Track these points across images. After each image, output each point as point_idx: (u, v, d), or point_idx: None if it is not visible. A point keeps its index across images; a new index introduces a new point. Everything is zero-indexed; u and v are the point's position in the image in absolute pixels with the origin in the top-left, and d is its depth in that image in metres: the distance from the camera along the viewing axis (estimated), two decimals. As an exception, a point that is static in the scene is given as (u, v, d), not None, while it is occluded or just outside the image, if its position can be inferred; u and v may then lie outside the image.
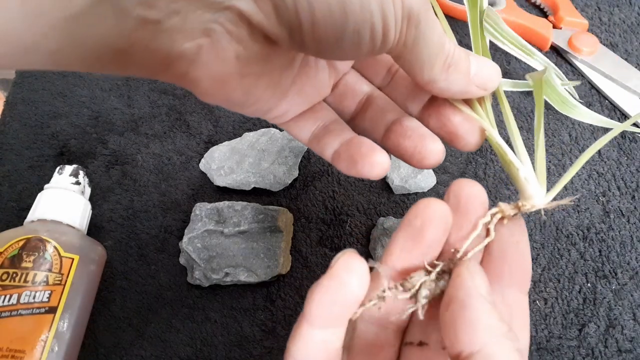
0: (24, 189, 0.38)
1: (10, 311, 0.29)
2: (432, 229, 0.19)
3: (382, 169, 0.22)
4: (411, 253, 0.19)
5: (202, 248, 0.34)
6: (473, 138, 0.23)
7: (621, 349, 0.33)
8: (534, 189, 0.22)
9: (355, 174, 0.23)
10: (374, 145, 0.23)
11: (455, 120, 0.23)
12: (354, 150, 0.23)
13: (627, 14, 0.49)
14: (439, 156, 0.23)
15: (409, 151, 0.23)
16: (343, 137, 0.24)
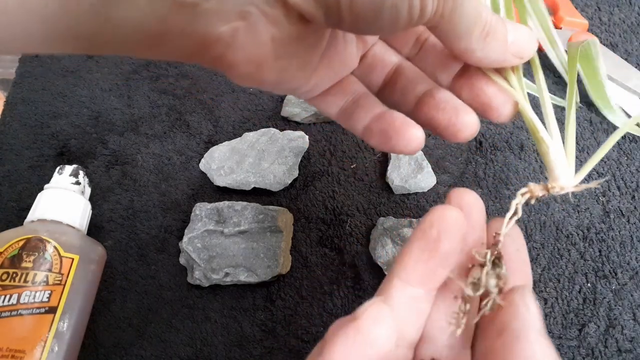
0: (24, 189, 0.38)
1: (10, 311, 0.29)
2: (449, 239, 0.18)
3: (418, 143, 0.21)
4: (427, 264, 0.19)
5: (202, 248, 0.34)
6: (506, 110, 0.22)
7: (621, 349, 0.33)
8: (563, 169, 0.21)
9: (389, 150, 0.22)
10: (407, 119, 0.22)
11: (489, 92, 0.22)
12: (386, 125, 0.22)
13: (627, 14, 0.49)
14: (474, 128, 0.22)
15: (443, 124, 0.22)
16: (373, 111, 0.23)
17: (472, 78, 0.22)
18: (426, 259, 0.18)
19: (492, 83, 0.22)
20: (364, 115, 0.23)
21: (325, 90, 0.24)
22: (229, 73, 0.19)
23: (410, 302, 0.19)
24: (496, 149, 0.41)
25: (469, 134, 0.22)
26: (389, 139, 0.22)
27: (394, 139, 0.22)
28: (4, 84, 1.14)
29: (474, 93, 0.22)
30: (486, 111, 0.22)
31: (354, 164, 0.40)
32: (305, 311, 0.34)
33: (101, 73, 0.45)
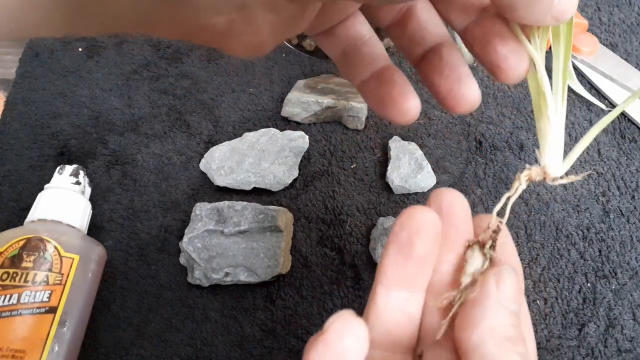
0: (24, 189, 0.38)
1: (10, 311, 0.29)
2: (421, 241, 0.18)
3: (412, 116, 0.21)
4: (404, 268, 0.18)
5: (202, 248, 0.34)
6: (516, 73, 0.20)
7: (621, 349, 0.33)
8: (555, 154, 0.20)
9: (382, 115, 0.21)
10: (406, 87, 0.21)
11: (502, 52, 0.20)
12: (383, 90, 0.21)
13: (627, 14, 0.49)
14: (474, 103, 0.21)
15: (443, 93, 0.21)
16: (375, 65, 0.22)
17: (489, 31, 0.20)
18: (402, 262, 0.18)
19: (508, 41, 0.20)
20: (364, 68, 0.22)
21: (327, 30, 0.23)
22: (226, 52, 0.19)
23: (396, 307, 0.19)
24: (496, 149, 0.41)
25: (467, 108, 0.21)
26: (384, 107, 0.21)
27: (390, 108, 0.21)
28: (4, 84, 1.14)
29: (486, 50, 0.20)
30: (494, 71, 0.21)
31: (354, 164, 0.40)
32: (305, 311, 0.34)
33: (101, 73, 0.45)
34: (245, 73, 0.45)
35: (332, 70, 0.46)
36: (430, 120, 0.43)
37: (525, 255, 0.36)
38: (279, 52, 0.47)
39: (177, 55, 0.47)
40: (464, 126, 0.42)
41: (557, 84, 0.21)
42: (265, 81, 0.45)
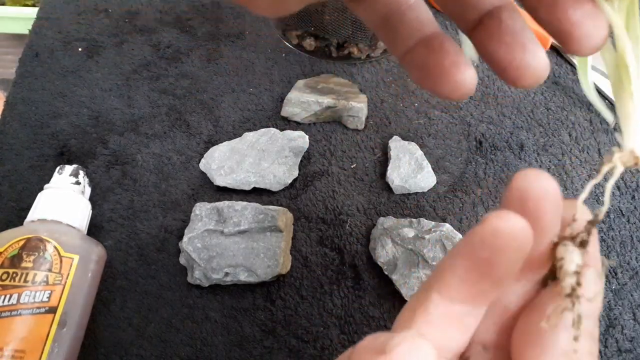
0: (24, 189, 0.38)
1: (10, 311, 0.29)
2: (505, 263, 0.15)
3: (466, 89, 0.18)
4: (475, 286, 0.15)
5: (202, 248, 0.34)
6: (592, 41, 0.17)
7: (621, 349, 0.33)
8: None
9: (429, 90, 0.18)
10: (459, 57, 0.18)
11: (575, 16, 0.16)
12: (432, 59, 0.18)
13: (627, 14, 0.49)
14: (541, 73, 0.17)
15: (503, 63, 0.18)
16: (422, 31, 0.19)
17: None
18: (474, 280, 0.15)
19: (581, 2, 0.17)
20: (409, 35, 0.19)
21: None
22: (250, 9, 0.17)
23: (455, 319, 0.16)
24: (496, 149, 0.41)
25: (533, 79, 0.17)
26: (433, 79, 0.18)
27: (440, 80, 0.18)
28: (4, 84, 1.14)
29: (555, 13, 0.17)
30: (565, 40, 0.17)
31: (354, 164, 0.40)
32: (305, 311, 0.34)
33: (101, 73, 0.45)
34: (245, 73, 0.45)
35: (332, 70, 0.46)
36: (430, 120, 0.43)
37: (525, 255, 0.36)
38: (279, 52, 0.47)
39: (177, 55, 0.47)
40: (464, 126, 0.42)
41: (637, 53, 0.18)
42: (265, 81, 0.45)
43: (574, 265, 0.15)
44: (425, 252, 0.34)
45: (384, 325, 0.33)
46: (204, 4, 0.51)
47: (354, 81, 0.45)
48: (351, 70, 0.46)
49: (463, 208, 0.38)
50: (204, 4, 0.51)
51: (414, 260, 0.34)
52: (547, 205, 0.16)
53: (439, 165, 0.40)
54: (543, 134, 0.42)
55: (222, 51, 0.47)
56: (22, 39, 1.17)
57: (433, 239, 0.34)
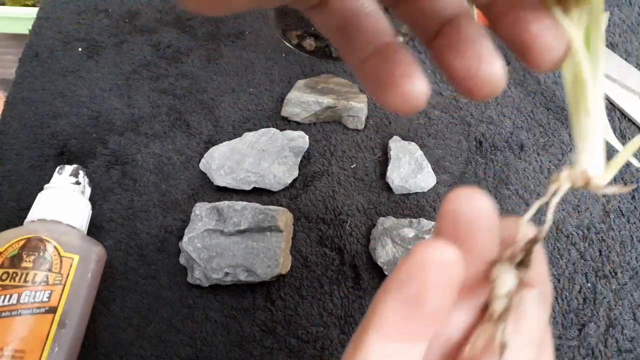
0: (24, 189, 0.38)
1: (10, 311, 0.29)
2: (435, 298, 0.14)
3: (416, 102, 0.17)
4: (410, 322, 0.14)
5: (202, 248, 0.34)
6: (552, 55, 0.16)
7: (621, 349, 0.33)
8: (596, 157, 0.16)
9: (380, 102, 0.17)
10: (411, 67, 0.17)
11: (535, 29, 0.16)
12: (383, 69, 0.17)
13: (627, 14, 0.49)
14: (496, 84, 0.17)
15: (459, 74, 0.17)
16: (378, 39, 0.18)
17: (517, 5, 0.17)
18: (407, 316, 0.14)
19: (541, 16, 0.16)
20: (364, 45, 0.18)
21: (319, 2, 0.19)
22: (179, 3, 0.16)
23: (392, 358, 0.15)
24: (496, 149, 0.41)
25: (488, 90, 0.17)
26: (383, 90, 0.17)
27: (389, 91, 0.17)
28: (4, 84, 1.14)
29: (515, 26, 0.16)
30: (524, 54, 0.17)
31: (354, 164, 0.40)
32: (305, 311, 0.34)
33: (101, 73, 0.45)
34: (245, 73, 0.45)
35: (332, 70, 0.46)
36: (430, 120, 0.43)
37: (525, 255, 0.36)
38: (279, 52, 0.47)
39: (177, 55, 0.47)
40: (464, 126, 0.42)
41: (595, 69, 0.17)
42: (265, 81, 0.45)
43: (506, 287, 0.15)
44: (425, 252, 0.34)
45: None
46: (204, 4, 0.51)
47: (354, 81, 0.45)
48: (351, 70, 0.46)
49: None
50: (204, 4, 0.51)
51: (414, 260, 0.34)
52: (481, 227, 0.15)
53: (439, 165, 0.40)
54: (543, 134, 0.42)
55: (222, 51, 0.47)
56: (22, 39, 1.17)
57: (433, 239, 0.34)
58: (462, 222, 0.15)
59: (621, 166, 0.17)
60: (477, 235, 0.15)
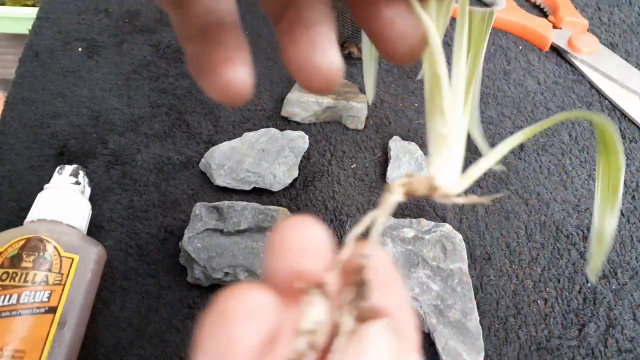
0: (24, 189, 0.38)
1: (10, 311, 0.28)
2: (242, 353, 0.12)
3: (233, 92, 0.15)
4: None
5: (202, 248, 0.34)
6: (406, 44, 0.15)
7: (621, 349, 0.33)
8: (449, 163, 0.15)
9: (203, 88, 0.15)
10: (235, 53, 0.15)
11: (388, 15, 0.15)
12: (205, 51, 0.15)
13: (627, 14, 0.49)
14: (330, 76, 0.15)
15: (293, 63, 0.15)
16: (211, 16, 0.15)
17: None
18: None
19: (398, 3, 0.15)
20: (196, 18, 0.16)
21: None
22: None
23: None
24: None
25: (320, 83, 0.15)
26: (200, 75, 0.15)
27: (206, 78, 0.15)
28: (4, 84, 1.14)
29: (366, 14, 0.15)
30: (379, 43, 0.15)
31: (354, 164, 0.40)
32: (305, 311, 0.34)
33: (101, 73, 0.45)
34: (245, 73, 0.45)
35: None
36: (430, 120, 0.43)
37: (525, 255, 0.36)
38: (279, 52, 0.47)
39: (177, 55, 0.47)
40: (464, 126, 0.42)
41: (458, 68, 0.15)
42: (265, 81, 0.45)
43: (310, 321, 0.12)
44: (425, 252, 0.34)
45: (384, 325, 0.33)
46: (204, 4, 0.51)
47: (354, 81, 0.45)
48: (351, 70, 0.46)
49: (463, 208, 0.38)
50: (204, 4, 0.51)
51: (413, 260, 0.34)
52: (311, 257, 0.13)
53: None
54: (543, 134, 0.42)
55: (222, 51, 0.47)
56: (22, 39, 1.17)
57: (433, 239, 0.34)
58: (290, 254, 0.13)
59: (479, 175, 0.15)
60: (307, 267, 0.13)
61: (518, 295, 0.34)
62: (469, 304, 0.32)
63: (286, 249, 0.13)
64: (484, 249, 0.36)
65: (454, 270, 0.33)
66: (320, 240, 0.14)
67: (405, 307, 0.14)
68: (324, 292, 0.13)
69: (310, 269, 0.13)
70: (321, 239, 0.14)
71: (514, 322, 0.33)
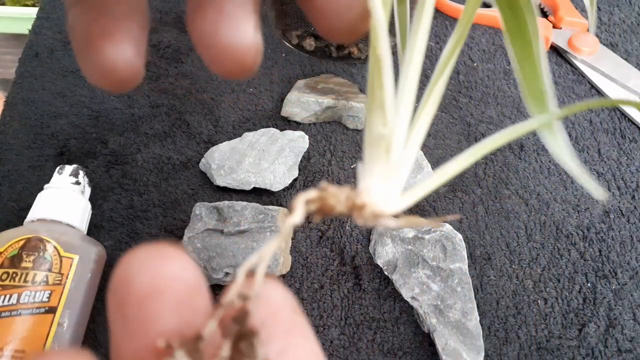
0: (24, 189, 0.38)
1: (10, 311, 0.28)
2: None
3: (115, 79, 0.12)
4: None
5: (202, 248, 0.34)
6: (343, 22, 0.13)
7: (621, 349, 0.33)
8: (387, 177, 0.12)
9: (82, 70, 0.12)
10: (119, 21, 0.12)
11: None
12: (85, 22, 0.12)
13: (627, 14, 0.49)
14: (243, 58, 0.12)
15: (197, 37, 0.12)
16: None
17: None
18: None
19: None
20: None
21: None
22: None
23: None
24: (496, 149, 0.41)
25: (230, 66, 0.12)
26: (80, 52, 0.12)
27: (86, 54, 0.12)
28: (4, 84, 1.14)
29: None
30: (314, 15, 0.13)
31: (354, 164, 0.40)
32: (305, 311, 0.34)
33: (101, 73, 0.45)
34: (245, 73, 0.45)
35: (332, 70, 0.46)
36: (430, 120, 0.43)
37: (525, 255, 0.36)
38: (279, 52, 0.47)
39: (177, 55, 0.47)
40: (464, 126, 0.42)
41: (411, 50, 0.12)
42: (265, 81, 0.45)
43: None
44: (425, 252, 0.34)
45: (383, 326, 0.33)
46: (204, 4, 0.51)
47: (354, 81, 0.45)
48: (351, 70, 0.46)
49: (463, 208, 0.38)
50: (204, 4, 0.51)
51: (413, 260, 0.34)
52: (159, 304, 0.10)
53: (439, 165, 0.40)
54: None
55: (222, 51, 0.47)
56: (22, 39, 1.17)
57: (433, 239, 0.34)
58: (133, 300, 0.10)
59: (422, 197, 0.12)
60: (156, 318, 0.10)
61: (518, 295, 0.34)
62: (469, 304, 0.32)
63: (130, 294, 0.10)
64: (484, 249, 0.36)
65: (454, 270, 0.33)
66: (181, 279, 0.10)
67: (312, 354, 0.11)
68: (195, 350, 0.09)
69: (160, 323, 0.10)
70: (184, 276, 0.10)
71: (514, 322, 0.33)
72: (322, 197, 0.11)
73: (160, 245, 0.10)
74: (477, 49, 0.47)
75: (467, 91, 0.44)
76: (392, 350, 0.32)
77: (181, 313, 0.10)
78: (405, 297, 0.33)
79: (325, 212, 0.11)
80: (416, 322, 0.33)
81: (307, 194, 0.11)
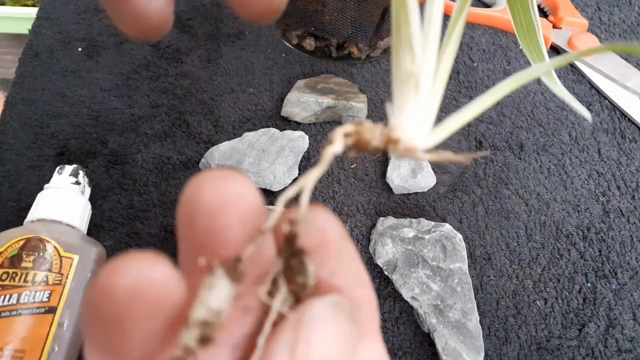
0: (24, 189, 0.38)
1: (10, 311, 0.28)
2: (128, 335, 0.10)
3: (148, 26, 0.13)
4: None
5: (202, 248, 0.34)
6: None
7: (621, 349, 0.33)
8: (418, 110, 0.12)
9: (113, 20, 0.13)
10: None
11: None
12: None
13: (627, 14, 0.49)
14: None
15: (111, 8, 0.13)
16: None
17: None
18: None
19: None
20: None
21: None
22: None
23: None
24: (496, 149, 0.41)
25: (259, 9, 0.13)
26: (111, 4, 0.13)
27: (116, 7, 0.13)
28: (4, 84, 1.14)
29: None
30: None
31: (354, 164, 0.40)
32: (305, 311, 0.34)
33: (101, 73, 0.45)
34: (245, 73, 0.45)
35: (332, 70, 0.46)
36: (430, 120, 0.43)
37: (525, 255, 0.36)
38: (279, 52, 0.47)
39: (177, 55, 0.47)
40: (464, 126, 0.42)
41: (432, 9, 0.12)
42: (265, 81, 0.45)
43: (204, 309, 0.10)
44: (425, 252, 0.34)
45: (383, 326, 0.33)
46: (204, 4, 0.51)
47: (354, 81, 0.45)
48: (351, 70, 0.46)
49: (463, 208, 0.38)
50: (203, 4, 0.51)
51: (413, 260, 0.34)
52: (229, 219, 0.11)
53: (438, 165, 0.40)
54: (543, 134, 0.42)
55: (222, 51, 0.47)
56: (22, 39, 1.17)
57: (433, 239, 0.34)
58: (203, 214, 0.11)
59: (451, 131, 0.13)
60: (220, 230, 0.11)
61: (518, 295, 0.34)
62: (469, 304, 0.32)
63: (200, 209, 0.10)
64: (484, 249, 0.36)
65: (454, 270, 0.33)
66: (245, 198, 0.10)
67: (361, 283, 0.11)
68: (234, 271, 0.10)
69: (227, 236, 0.10)
70: (248, 196, 0.10)
71: (514, 322, 0.33)
72: (358, 132, 0.11)
73: (225, 169, 0.11)
74: (477, 49, 0.47)
75: (467, 91, 0.44)
76: (392, 350, 0.32)
77: (246, 228, 0.11)
78: (405, 297, 0.33)
79: (361, 147, 0.12)
80: (416, 322, 0.33)
81: (345, 127, 0.12)
